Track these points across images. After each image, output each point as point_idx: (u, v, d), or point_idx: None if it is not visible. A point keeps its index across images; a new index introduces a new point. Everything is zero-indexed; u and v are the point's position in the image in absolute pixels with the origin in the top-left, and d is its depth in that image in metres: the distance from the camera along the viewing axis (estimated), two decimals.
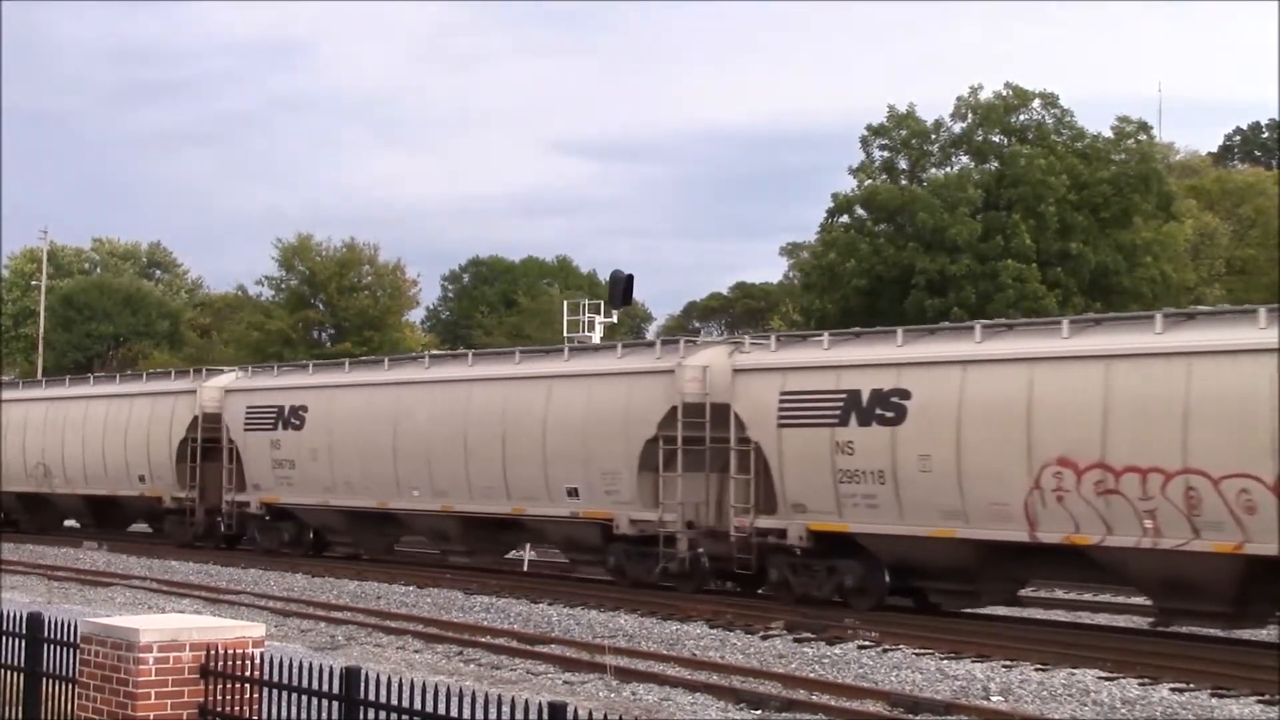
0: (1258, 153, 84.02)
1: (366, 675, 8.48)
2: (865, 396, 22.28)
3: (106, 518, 41.56)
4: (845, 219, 52.65)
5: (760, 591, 25.02)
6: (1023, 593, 26.61)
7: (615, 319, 46.36)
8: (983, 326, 22.35)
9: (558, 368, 27.82)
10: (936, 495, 21.33)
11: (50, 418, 40.88)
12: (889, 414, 22.02)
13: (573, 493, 26.75)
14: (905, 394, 21.86)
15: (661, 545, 25.35)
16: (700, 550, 25.16)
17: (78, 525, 43.75)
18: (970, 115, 51.44)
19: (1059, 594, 28.06)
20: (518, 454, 27.58)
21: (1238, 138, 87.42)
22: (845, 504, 22.50)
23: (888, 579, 23.19)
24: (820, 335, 24.69)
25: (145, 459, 37.20)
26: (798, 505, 23.19)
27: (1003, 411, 20.75)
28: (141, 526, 42.22)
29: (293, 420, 33.07)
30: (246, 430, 34.26)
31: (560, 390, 27.23)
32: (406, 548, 35.60)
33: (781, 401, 23.40)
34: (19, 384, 46.59)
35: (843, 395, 22.54)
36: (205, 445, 35.54)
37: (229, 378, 36.71)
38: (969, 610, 23.29)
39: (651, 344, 27.46)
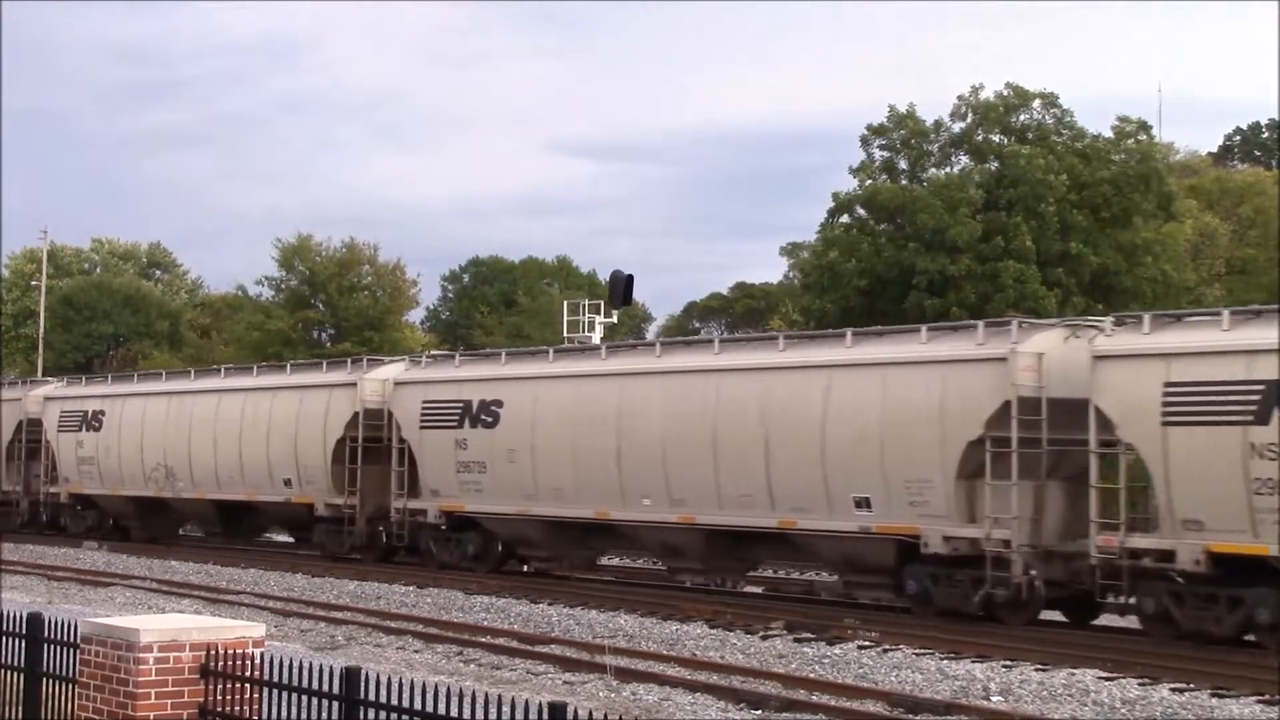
0: (1258, 153, 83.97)
1: (366, 675, 8.48)
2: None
3: (237, 526, 37.78)
4: (845, 219, 52.62)
5: (1135, 625, 21.20)
6: None
7: (615, 319, 46.39)
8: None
9: (840, 356, 23.99)
10: None
11: (174, 414, 37.23)
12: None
13: (862, 503, 23.30)
14: None
15: (989, 568, 21.40)
16: (1033, 573, 21.37)
17: (200, 533, 40.51)
18: (970, 115, 51.43)
19: None
20: (786, 457, 23.91)
21: (1238, 138, 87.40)
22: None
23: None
24: (1219, 313, 20.64)
25: (293, 460, 33.46)
26: (1191, 521, 19.54)
27: None
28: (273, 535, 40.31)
29: (483, 417, 28.92)
30: (423, 428, 30.07)
31: (843, 382, 23.61)
32: (613, 562, 33.21)
33: (1166, 395, 19.74)
34: (133, 376, 42.12)
35: (1259, 386, 18.91)
36: (366, 445, 31.76)
37: (396, 368, 32.59)
38: (967, 611, 23.14)
39: (972, 326, 23.32)
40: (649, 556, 30.55)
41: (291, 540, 38.31)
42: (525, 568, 30.21)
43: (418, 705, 8.05)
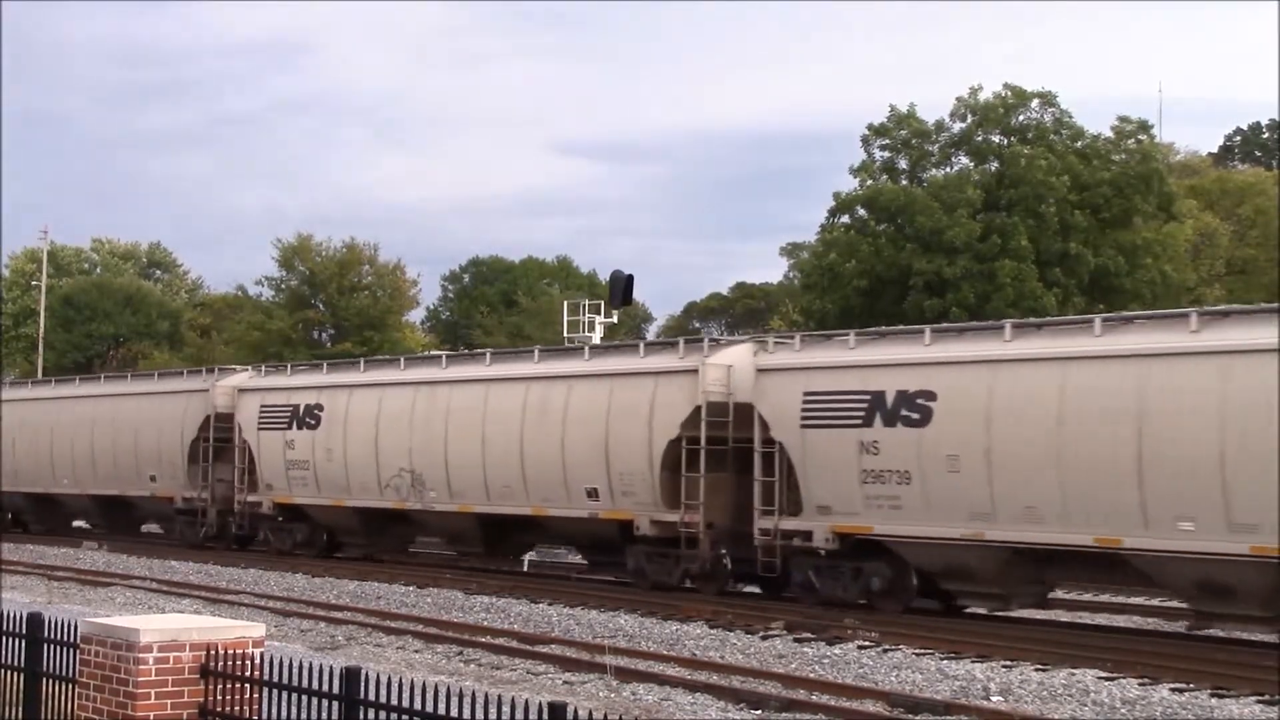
0: (1258, 153, 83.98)
1: (366, 675, 8.48)
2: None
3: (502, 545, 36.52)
4: (846, 219, 52.64)
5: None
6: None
7: (615, 319, 46.41)
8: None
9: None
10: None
11: (423, 408, 33.28)
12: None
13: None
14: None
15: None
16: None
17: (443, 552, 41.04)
18: (970, 116, 51.44)
19: (1059, 594, 28.06)
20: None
21: (1238, 138, 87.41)
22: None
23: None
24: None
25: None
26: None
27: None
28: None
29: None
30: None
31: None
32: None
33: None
34: (359, 363, 35.07)
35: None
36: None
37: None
38: (966, 611, 23.27)
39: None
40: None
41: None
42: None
43: (418, 705, 8.05)
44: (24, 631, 10.69)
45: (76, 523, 43.95)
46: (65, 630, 10.24)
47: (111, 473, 38.69)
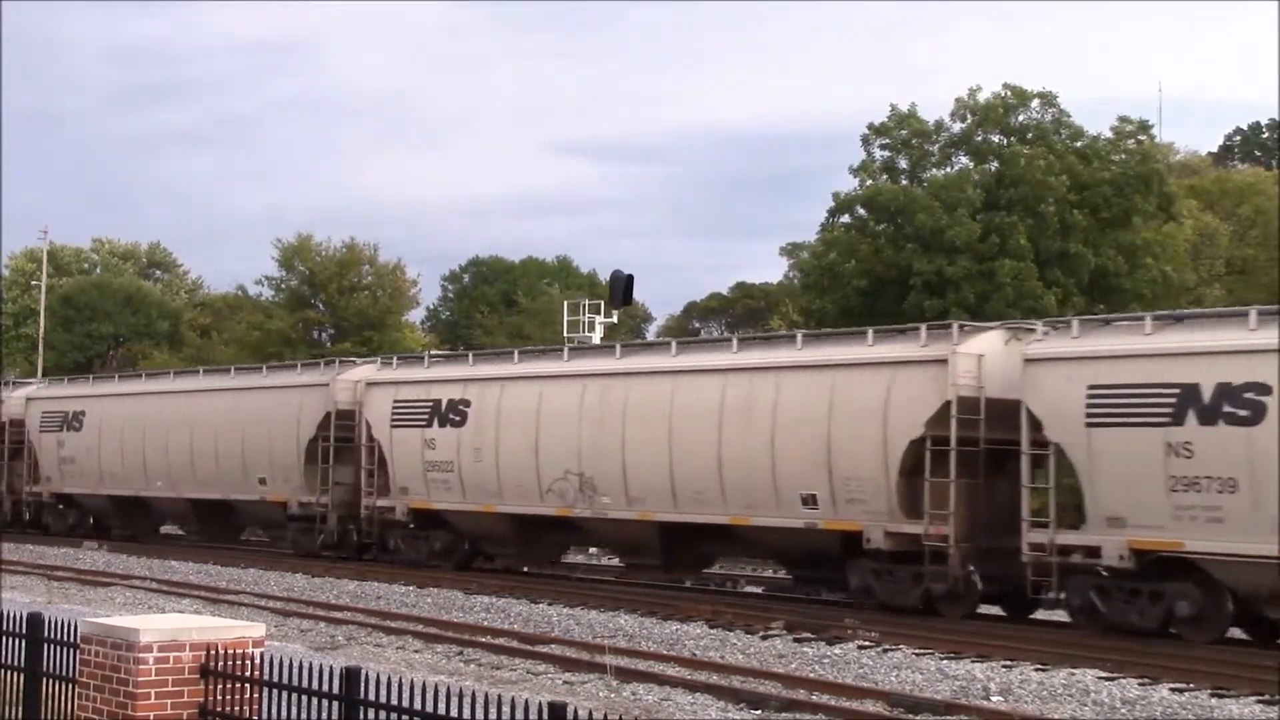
0: (1258, 153, 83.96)
1: (366, 675, 8.48)
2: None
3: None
4: (845, 219, 52.65)
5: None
6: None
7: (615, 319, 46.44)
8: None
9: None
10: None
11: (594, 404, 29.35)
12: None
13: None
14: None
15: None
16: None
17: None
18: (969, 116, 51.44)
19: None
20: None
21: (1238, 138, 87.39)
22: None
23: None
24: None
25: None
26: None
27: None
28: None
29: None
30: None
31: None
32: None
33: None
34: (513, 354, 30.99)
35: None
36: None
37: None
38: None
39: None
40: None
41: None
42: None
43: (418, 705, 8.05)
44: (24, 631, 10.69)
45: (166, 528, 41.90)
46: (65, 630, 10.24)
47: (213, 475, 35.53)
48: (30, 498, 41.71)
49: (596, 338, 40.32)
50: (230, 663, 9.28)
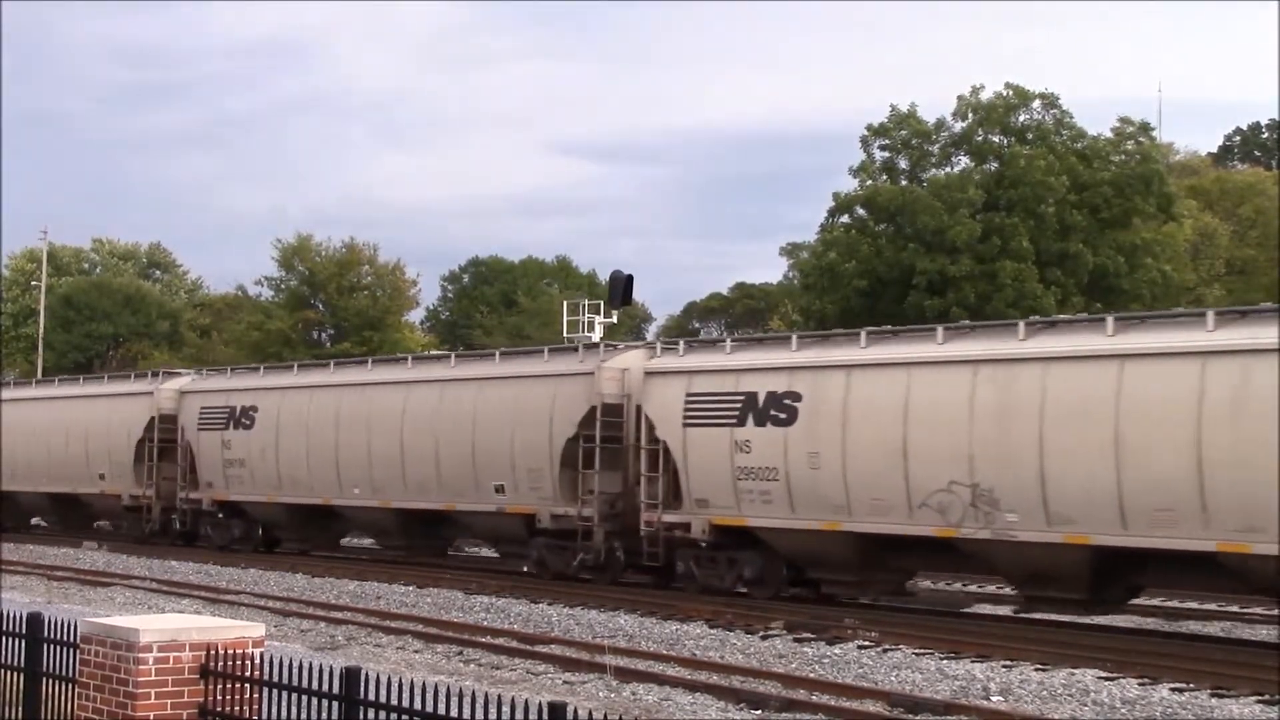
0: (1258, 153, 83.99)
1: (366, 675, 8.47)
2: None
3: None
4: (845, 219, 52.66)
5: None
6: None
7: (615, 319, 46.36)
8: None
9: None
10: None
11: (988, 399, 29.92)
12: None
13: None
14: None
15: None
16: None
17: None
18: (970, 115, 51.45)
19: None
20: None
21: (1238, 138, 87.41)
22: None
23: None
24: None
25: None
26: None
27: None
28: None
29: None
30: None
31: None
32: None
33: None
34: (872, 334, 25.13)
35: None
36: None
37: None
38: (966, 611, 23.27)
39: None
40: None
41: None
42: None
43: (418, 705, 8.05)
44: (24, 631, 10.68)
45: (353, 539, 38.28)
46: (65, 630, 10.24)
47: (431, 481, 30.16)
48: (186, 505, 36.23)
49: (596, 338, 40.19)
50: (230, 663, 9.28)
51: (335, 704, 8.53)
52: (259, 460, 34.01)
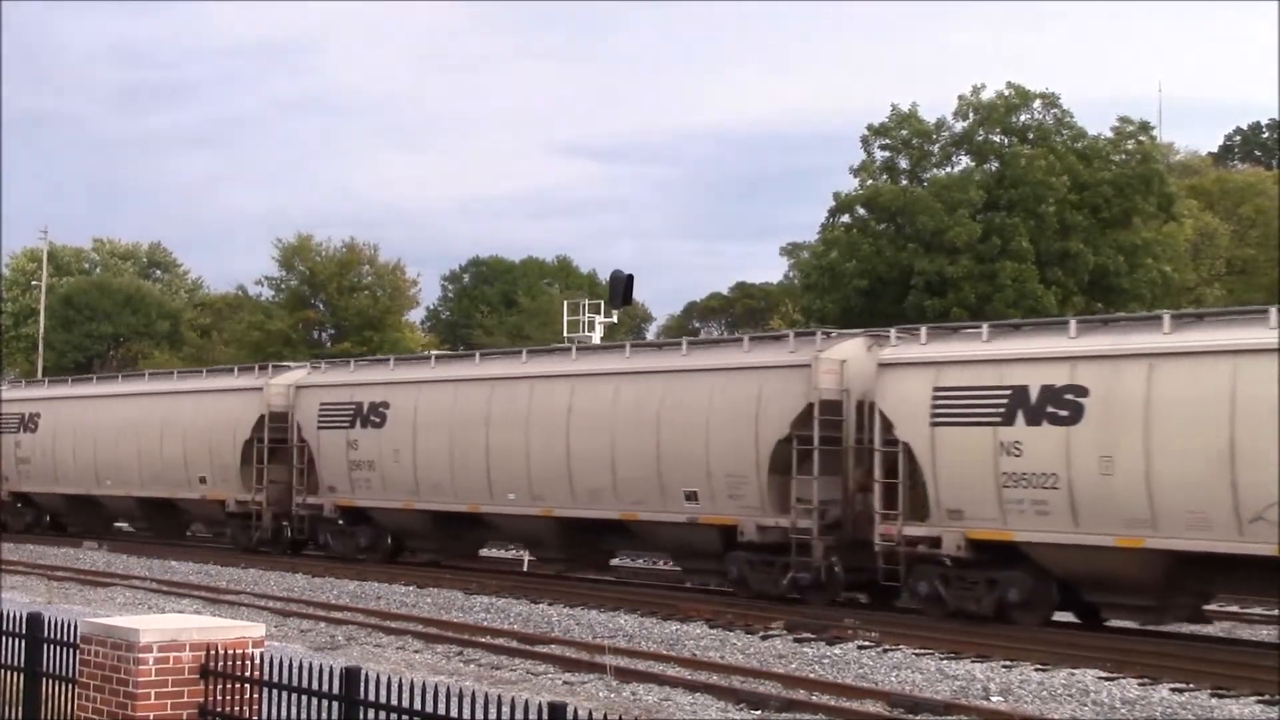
0: (1258, 153, 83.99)
1: (366, 675, 8.47)
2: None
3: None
4: (846, 219, 52.67)
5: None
6: None
7: (615, 319, 46.40)
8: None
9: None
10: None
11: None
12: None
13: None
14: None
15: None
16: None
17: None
18: (971, 115, 51.45)
19: None
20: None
21: (1238, 138, 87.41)
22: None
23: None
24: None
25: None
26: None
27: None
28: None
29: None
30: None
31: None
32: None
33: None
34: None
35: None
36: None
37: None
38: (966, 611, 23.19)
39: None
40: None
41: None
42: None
43: (418, 705, 8.05)
44: (24, 631, 10.68)
45: (506, 550, 35.55)
46: (65, 630, 10.24)
47: (627, 485, 26.22)
48: (304, 512, 32.59)
49: (596, 338, 40.27)
50: (230, 663, 9.28)
51: (335, 704, 8.53)
52: (391, 463, 30.42)
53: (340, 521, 31.91)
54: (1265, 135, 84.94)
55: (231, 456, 34.03)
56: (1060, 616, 22.18)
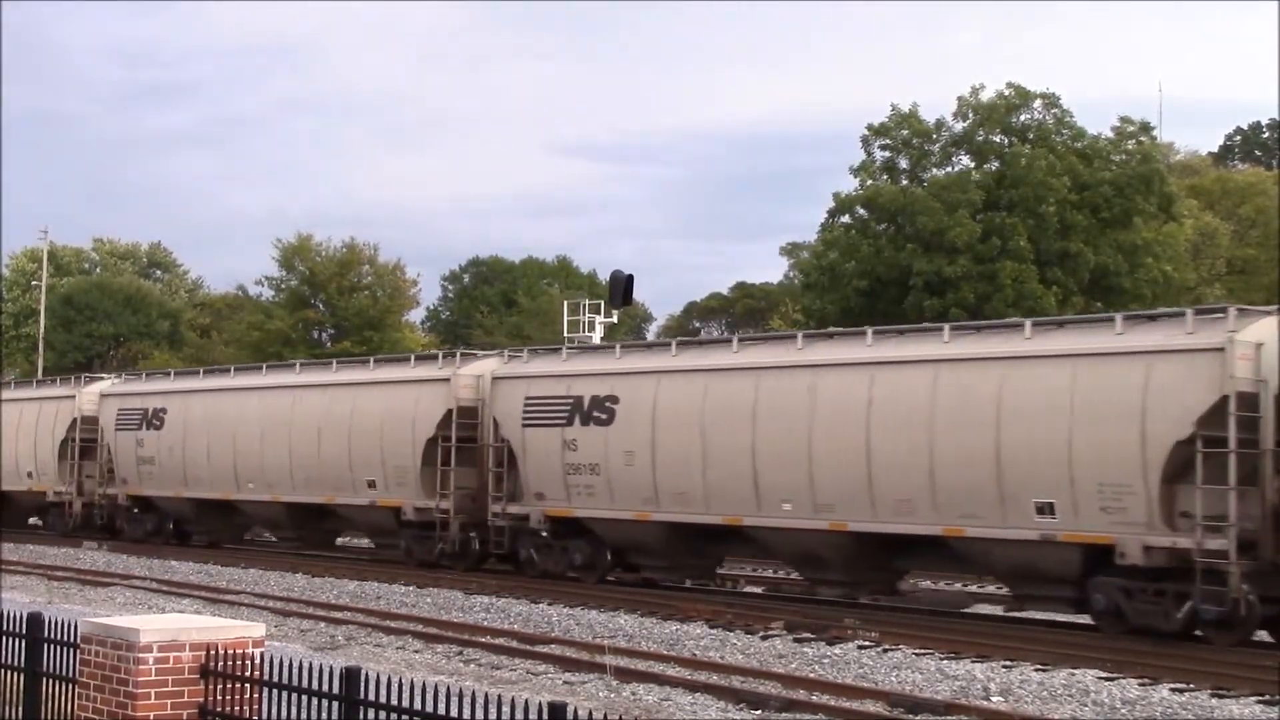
0: (1258, 153, 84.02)
1: (366, 675, 8.47)
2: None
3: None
4: (846, 219, 52.68)
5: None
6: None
7: (615, 319, 46.39)
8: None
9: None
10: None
11: None
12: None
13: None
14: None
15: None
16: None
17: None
18: (971, 115, 51.47)
19: None
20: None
21: (1238, 138, 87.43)
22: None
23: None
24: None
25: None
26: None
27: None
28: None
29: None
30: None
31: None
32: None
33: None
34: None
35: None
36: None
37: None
38: (966, 611, 23.24)
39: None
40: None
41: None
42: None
43: (418, 705, 8.05)
44: (24, 631, 10.68)
45: (753, 568, 32.16)
46: (65, 630, 10.24)
47: (959, 496, 21.78)
48: (505, 522, 28.23)
49: (596, 338, 40.25)
50: (230, 663, 9.28)
51: (335, 704, 8.53)
52: (621, 466, 26.48)
53: (545, 534, 27.98)
54: (1265, 135, 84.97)
55: (410, 458, 29.85)
56: (1060, 616, 22.18)
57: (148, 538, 37.95)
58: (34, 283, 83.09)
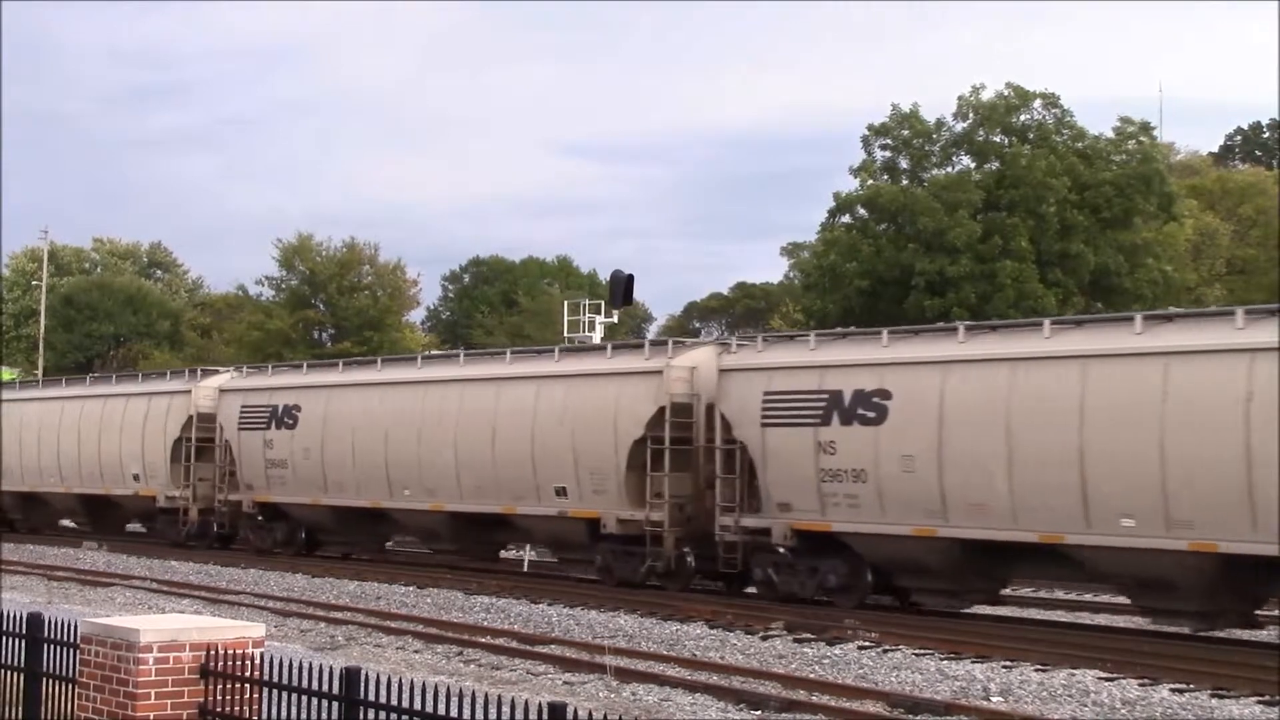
0: (1258, 153, 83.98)
1: (366, 675, 8.47)
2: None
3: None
4: (846, 219, 52.70)
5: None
6: (1019, 593, 26.59)
7: (615, 319, 46.40)
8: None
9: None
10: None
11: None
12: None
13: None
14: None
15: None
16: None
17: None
18: (971, 115, 51.47)
19: (1059, 594, 28.03)
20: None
21: (1238, 138, 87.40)
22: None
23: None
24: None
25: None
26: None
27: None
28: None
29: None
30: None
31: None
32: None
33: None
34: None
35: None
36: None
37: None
38: (966, 611, 23.28)
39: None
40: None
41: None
42: None
43: (418, 705, 8.04)
44: (24, 631, 10.68)
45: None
46: (65, 630, 10.23)
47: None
48: (737, 536, 24.22)
49: (596, 337, 40.25)
50: (230, 663, 9.28)
51: (335, 704, 8.52)
52: (900, 472, 22.50)
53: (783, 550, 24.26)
54: (1265, 135, 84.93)
55: (612, 462, 26.19)
56: (1060, 616, 22.17)
57: (276, 548, 33.54)
58: (34, 283, 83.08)
